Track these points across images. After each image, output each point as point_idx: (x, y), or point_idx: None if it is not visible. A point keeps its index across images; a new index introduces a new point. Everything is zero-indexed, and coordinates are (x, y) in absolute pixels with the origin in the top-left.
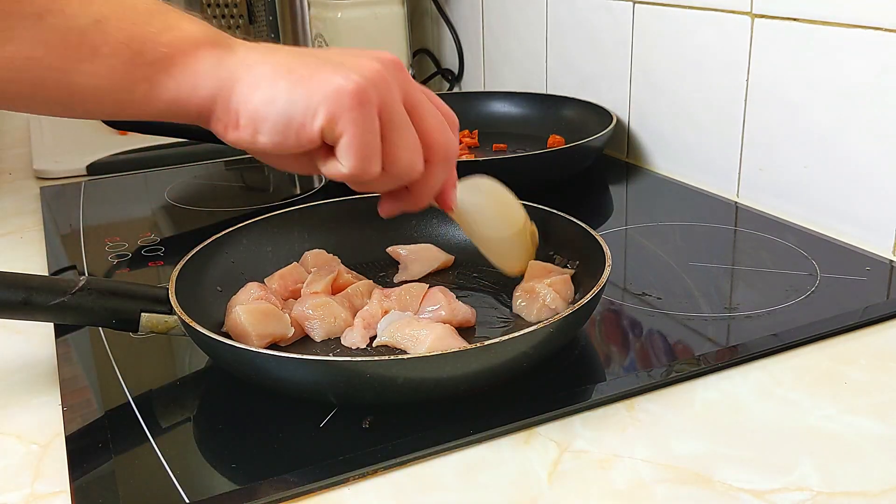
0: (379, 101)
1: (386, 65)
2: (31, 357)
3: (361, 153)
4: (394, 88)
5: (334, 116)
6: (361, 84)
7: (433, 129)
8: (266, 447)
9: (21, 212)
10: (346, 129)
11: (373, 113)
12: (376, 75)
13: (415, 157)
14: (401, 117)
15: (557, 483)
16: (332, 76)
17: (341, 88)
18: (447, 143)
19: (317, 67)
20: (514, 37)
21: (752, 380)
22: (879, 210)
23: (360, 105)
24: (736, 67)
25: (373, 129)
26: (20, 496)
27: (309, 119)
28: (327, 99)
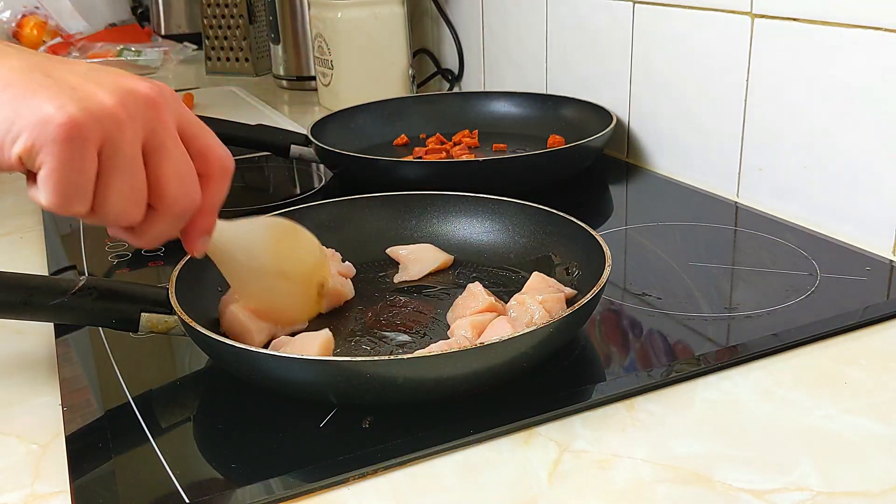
0: (100, 139)
1: (130, 99)
2: (31, 357)
3: (60, 190)
4: (127, 128)
5: (34, 146)
6: (76, 117)
7: (168, 179)
8: (266, 447)
9: (21, 212)
10: (46, 161)
11: (83, 150)
12: (104, 110)
13: (129, 206)
14: (123, 161)
15: (557, 483)
16: (47, 102)
17: (49, 118)
18: (179, 200)
19: (38, 88)
20: (514, 37)
21: (752, 380)
22: (879, 210)
23: (68, 140)
24: (736, 67)
25: (78, 168)
26: (20, 496)
27: (8, 143)
28: (31, 126)
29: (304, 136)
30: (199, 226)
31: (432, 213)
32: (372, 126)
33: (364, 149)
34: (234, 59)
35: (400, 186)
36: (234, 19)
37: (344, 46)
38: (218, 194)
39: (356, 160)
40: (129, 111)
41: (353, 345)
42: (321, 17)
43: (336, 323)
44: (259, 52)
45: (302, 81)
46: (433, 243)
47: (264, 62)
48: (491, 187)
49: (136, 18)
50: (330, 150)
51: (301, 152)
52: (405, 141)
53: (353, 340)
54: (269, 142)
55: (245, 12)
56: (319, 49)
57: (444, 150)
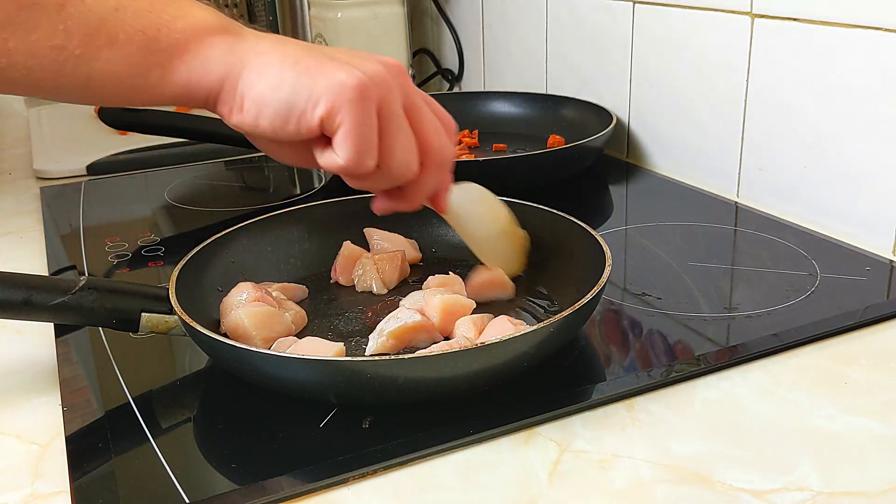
0: (379, 100)
1: (389, 68)
2: (31, 357)
3: (358, 145)
4: (395, 90)
5: (335, 107)
6: (363, 80)
7: (430, 134)
8: (266, 447)
9: (21, 212)
10: (345, 120)
11: (371, 109)
12: (378, 75)
13: (410, 157)
14: (399, 118)
15: (557, 483)
16: (337, 70)
17: (344, 82)
18: (442, 148)
19: (323, 61)
20: (514, 37)
21: (752, 380)
22: (879, 210)
23: (360, 99)
24: (736, 67)
25: (370, 124)
26: (20, 496)
27: (310, 108)
28: (330, 90)
29: None
30: (445, 183)
31: (432, 213)
32: None
33: None
34: None
35: None
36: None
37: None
38: (452, 152)
39: None
40: (393, 77)
41: (353, 345)
42: (321, 17)
43: (336, 323)
44: None
45: None
46: (433, 243)
47: None
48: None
49: None
50: None
51: None
52: None
53: (353, 340)
54: None
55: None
56: None
57: None
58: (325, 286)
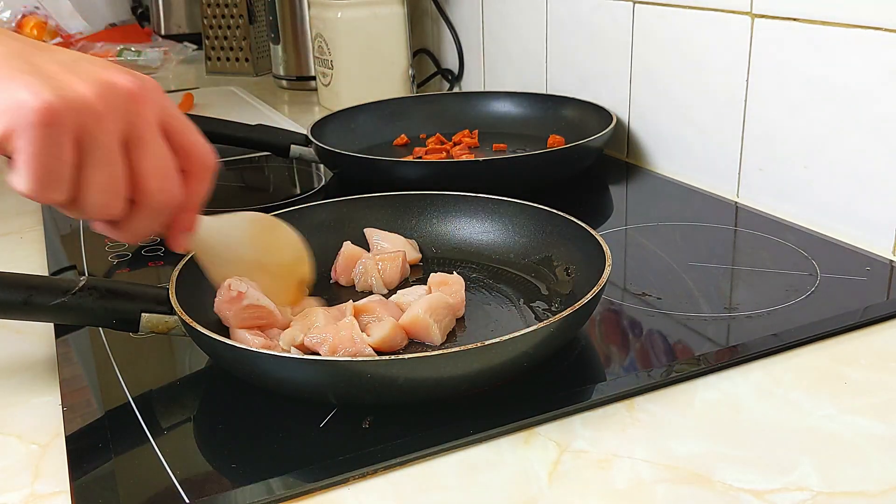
0: (77, 129)
1: (109, 92)
2: (31, 357)
3: (36, 175)
4: (107, 120)
5: (10, 130)
6: (52, 104)
7: (147, 173)
8: (266, 447)
9: (21, 212)
10: (22, 147)
11: (59, 137)
12: (81, 100)
13: (108, 199)
14: (100, 153)
15: (557, 483)
16: (23, 88)
17: (24, 102)
18: (158, 194)
19: (17, 74)
20: (514, 37)
21: (752, 380)
22: (879, 210)
23: (44, 125)
24: (736, 67)
25: (55, 154)
26: (20, 496)
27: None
28: (7, 110)
29: (304, 136)
30: (181, 223)
31: (432, 213)
32: (372, 126)
33: (364, 149)
34: (234, 59)
35: (400, 186)
36: (234, 19)
37: (344, 46)
38: (200, 191)
39: (356, 160)
40: (108, 103)
41: None
42: (321, 17)
43: None
44: (259, 52)
45: (302, 81)
46: (433, 243)
47: (264, 62)
48: (491, 187)
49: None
50: (330, 150)
51: (301, 152)
52: (405, 141)
53: None
54: (269, 142)
55: (245, 12)
56: (319, 49)
57: (444, 150)
58: (324, 286)
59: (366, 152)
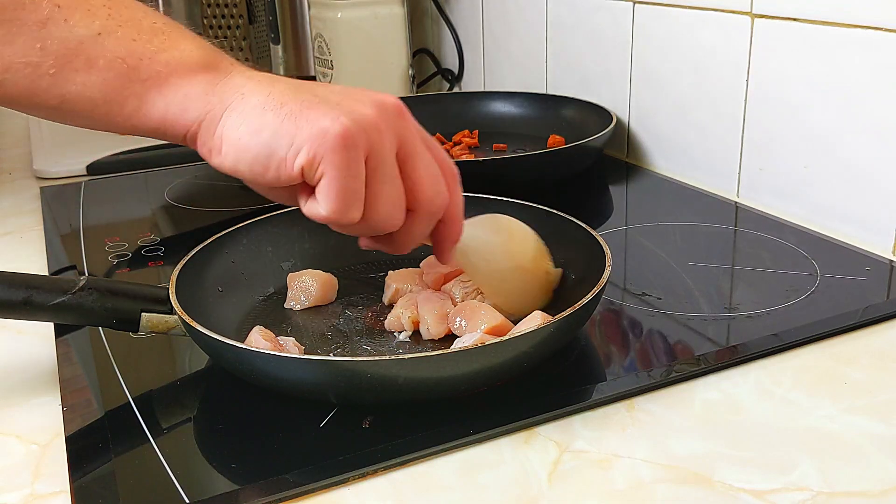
0: (367, 148)
1: (384, 110)
2: (31, 357)
3: (341, 197)
4: (386, 137)
5: (316, 156)
6: (349, 128)
7: (423, 183)
8: (266, 447)
9: (21, 212)
10: (327, 171)
11: (358, 158)
12: (368, 121)
13: (395, 210)
14: (388, 167)
15: (557, 483)
16: (322, 117)
17: (327, 129)
18: (435, 198)
19: (309, 105)
20: (514, 37)
21: (752, 380)
22: (879, 210)
23: (345, 149)
24: (736, 67)
25: (355, 175)
26: (20, 496)
27: (291, 156)
28: (312, 138)
29: None
30: (449, 234)
31: None
32: None
33: None
34: None
35: None
36: (234, 19)
37: (344, 46)
38: (457, 200)
39: None
40: (387, 121)
41: (354, 345)
42: (321, 17)
43: (336, 323)
44: (259, 52)
45: None
46: None
47: (264, 62)
48: (491, 187)
49: None
50: None
51: None
52: None
53: (353, 340)
54: None
55: (245, 12)
56: (319, 49)
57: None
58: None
59: None
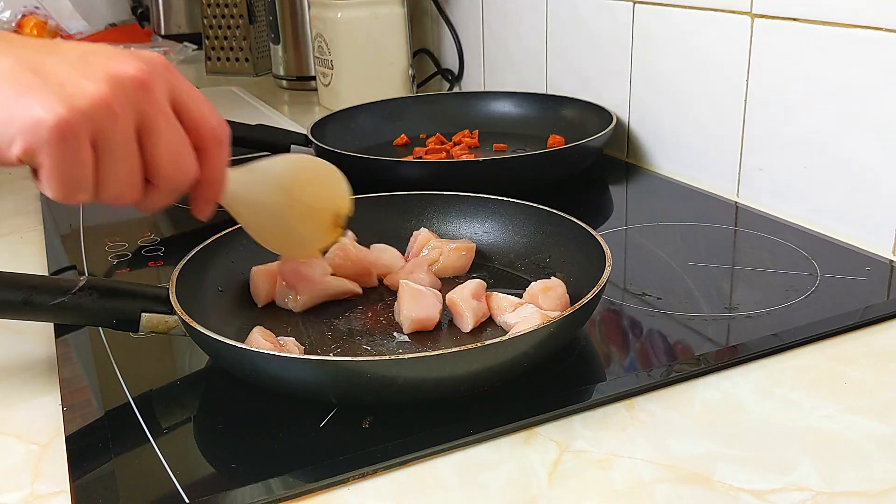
0: (93, 132)
1: (119, 86)
2: (31, 357)
3: (62, 185)
4: (118, 117)
5: (31, 147)
6: (65, 117)
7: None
8: (266, 447)
9: (21, 212)
10: (44, 162)
11: (77, 146)
12: (94, 103)
13: (125, 188)
14: (116, 148)
15: (557, 483)
16: (36, 104)
17: (40, 121)
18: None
19: (28, 89)
20: (514, 37)
21: (752, 380)
22: (879, 210)
23: (61, 139)
24: (736, 67)
25: (75, 163)
26: (20, 496)
27: (5, 146)
28: (24, 130)
29: (305, 136)
30: (204, 196)
31: (432, 213)
32: (372, 126)
33: (364, 149)
34: (234, 59)
35: (400, 186)
36: (234, 19)
37: (344, 46)
38: (215, 164)
39: (356, 160)
40: (119, 99)
41: (353, 345)
42: (321, 17)
43: (336, 323)
44: (259, 52)
45: (302, 81)
46: None
47: (264, 62)
48: (491, 187)
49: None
50: (330, 150)
51: (301, 152)
52: (405, 141)
53: (353, 340)
54: (269, 142)
55: (245, 12)
56: (319, 49)
57: (444, 150)
58: None
59: (366, 152)
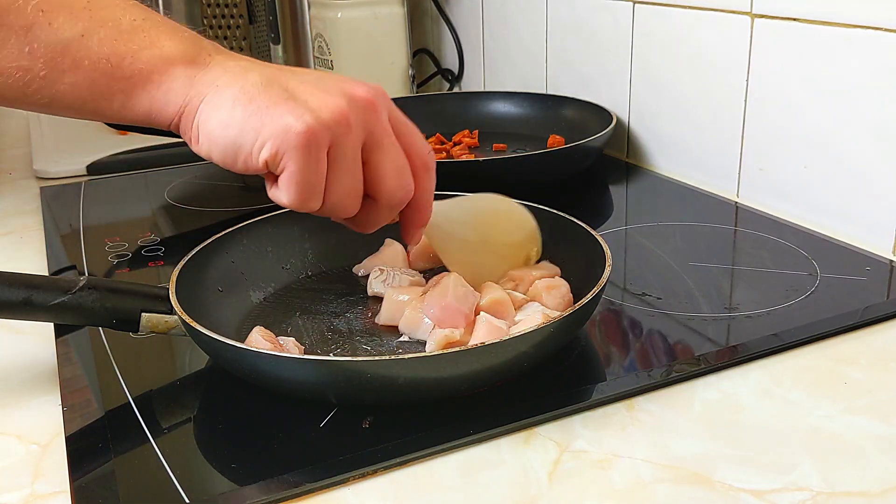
0: (330, 142)
1: (354, 103)
2: (31, 357)
3: (300, 189)
4: (353, 130)
5: (279, 152)
6: (311, 126)
7: (385, 175)
8: (266, 447)
9: (21, 212)
10: (288, 166)
11: (318, 153)
12: (334, 116)
13: (349, 200)
14: (347, 161)
15: (557, 483)
16: (287, 114)
17: (290, 127)
18: (395, 192)
19: (279, 101)
20: (514, 37)
21: (752, 380)
22: (879, 210)
23: (306, 146)
24: (736, 67)
25: (315, 170)
26: (20, 496)
27: (256, 150)
28: (274, 135)
29: None
30: (416, 220)
31: None
32: None
33: None
34: None
35: None
36: (234, 19)
37: (344, 46)
38: (425, 188)
39: None
40: (355, 115)
41: (354, 345)
42: (321, 17)
43: (336, 323)
44: (259, 52)
45: None
46: None
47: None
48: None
49: None
50: None
51: None
52: None
53: (353, 340)
54: None
55: (245, 12)
56: (319, 49)
57: (444, 150)
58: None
59: None
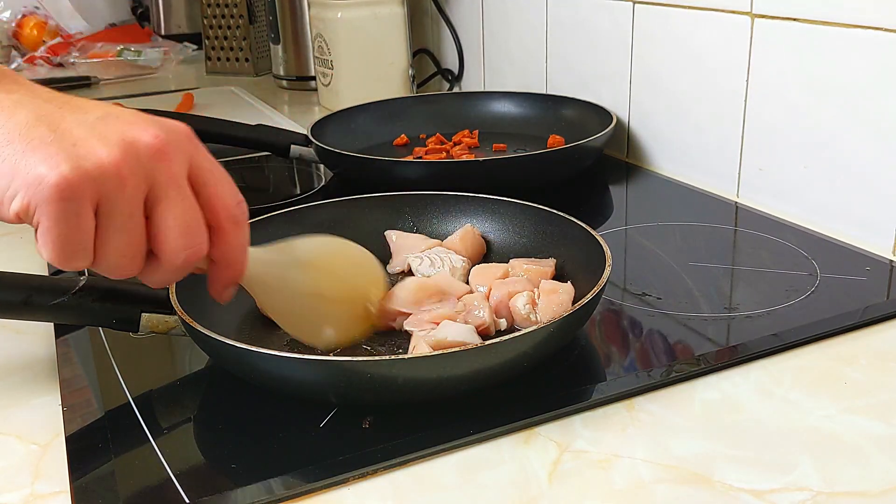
0: (96, 196)
1: (132, 154)
2: (31, 357)
3: (58, 247)
4: (126, 184)
5: (30, 204)
6: (68, 177)
7: (168, 231)
8: (266, 447)
9: None
10: (42, 220)
11: (78, 209)
12: (102, 168)
13: (125, 261)
14: (120, 218)
15: (557, 483)
16: (42, 162)
17: (42, 178)
18: (179, 252)
19: (38, 146)
20: (514, 37)
21: (752, 380)
22: (879, 210)
23: (60, 200)
24: (736, 67)
25: (76, 226)
26: (20, 496)
27: (7, 200)
28: (26, 185)
29: (304, 136)
30: (222, 277)
31: (432, 213)
32: (372, 126)
33: (364, 149)
34: (234, 59)
35: (400, 186)
36: (234, 19)
37: (344, 46)
38: (232, 245)
39: (356, 160)
40: (130, 166)
41: (353, 345)
42: (321, 17)
43: None
44: (259, 52)
45: (302, 81)
46: None
47: (264, 62)
48: (491, 187)
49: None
50: (330, 150)
51: (301, 152)
52: (405, 141)
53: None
54: (269, 142)
55: (245, 12)
56: (319, 49)
57: (444, 150)
58: None
59: (366, 152)
